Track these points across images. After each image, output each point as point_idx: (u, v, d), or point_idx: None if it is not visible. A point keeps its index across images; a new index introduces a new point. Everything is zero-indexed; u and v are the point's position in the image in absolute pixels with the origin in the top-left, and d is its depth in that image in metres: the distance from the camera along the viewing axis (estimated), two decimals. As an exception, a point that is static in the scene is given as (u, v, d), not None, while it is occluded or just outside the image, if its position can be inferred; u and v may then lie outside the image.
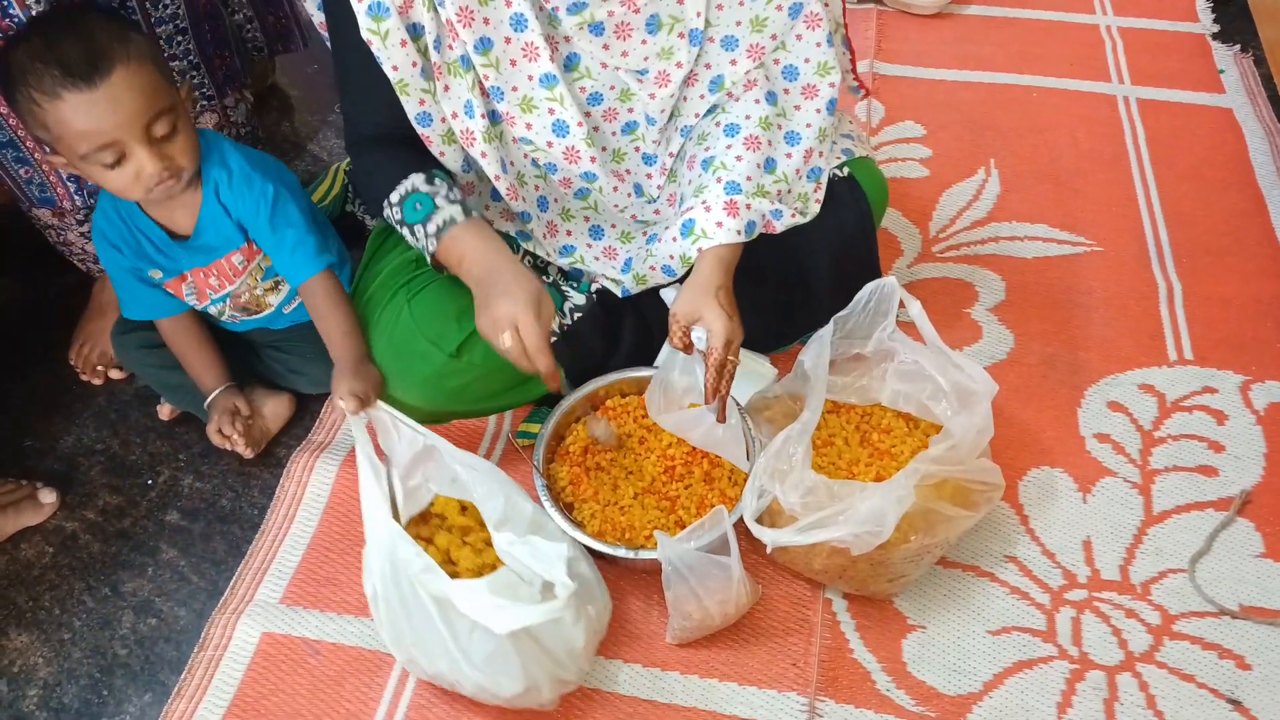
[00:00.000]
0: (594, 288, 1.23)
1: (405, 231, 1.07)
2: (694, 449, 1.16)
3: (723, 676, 1.04)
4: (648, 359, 1.25)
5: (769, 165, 1.11)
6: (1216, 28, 1.88)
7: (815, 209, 1.16)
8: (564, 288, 1.24)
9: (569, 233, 1.20)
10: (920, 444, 1.12)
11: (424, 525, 1.10)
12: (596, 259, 1.21)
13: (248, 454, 1.26)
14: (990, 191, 1.58)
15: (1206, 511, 1.16)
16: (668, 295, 1.17)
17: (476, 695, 0.99)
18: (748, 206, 1.07)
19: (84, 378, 1.39)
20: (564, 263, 1.22)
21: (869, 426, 1.16)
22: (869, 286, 1.13)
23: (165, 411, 1.34)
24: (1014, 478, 1.19)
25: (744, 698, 1.03)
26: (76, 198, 1.29)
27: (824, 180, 1.17)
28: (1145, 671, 1.03)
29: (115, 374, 1.40)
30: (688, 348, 1.06)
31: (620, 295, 1.22)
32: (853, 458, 1.12)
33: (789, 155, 1.12)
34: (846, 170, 1.21)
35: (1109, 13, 1.95)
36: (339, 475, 1.24)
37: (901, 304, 1.12)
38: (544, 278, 1.24)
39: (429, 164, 1.08)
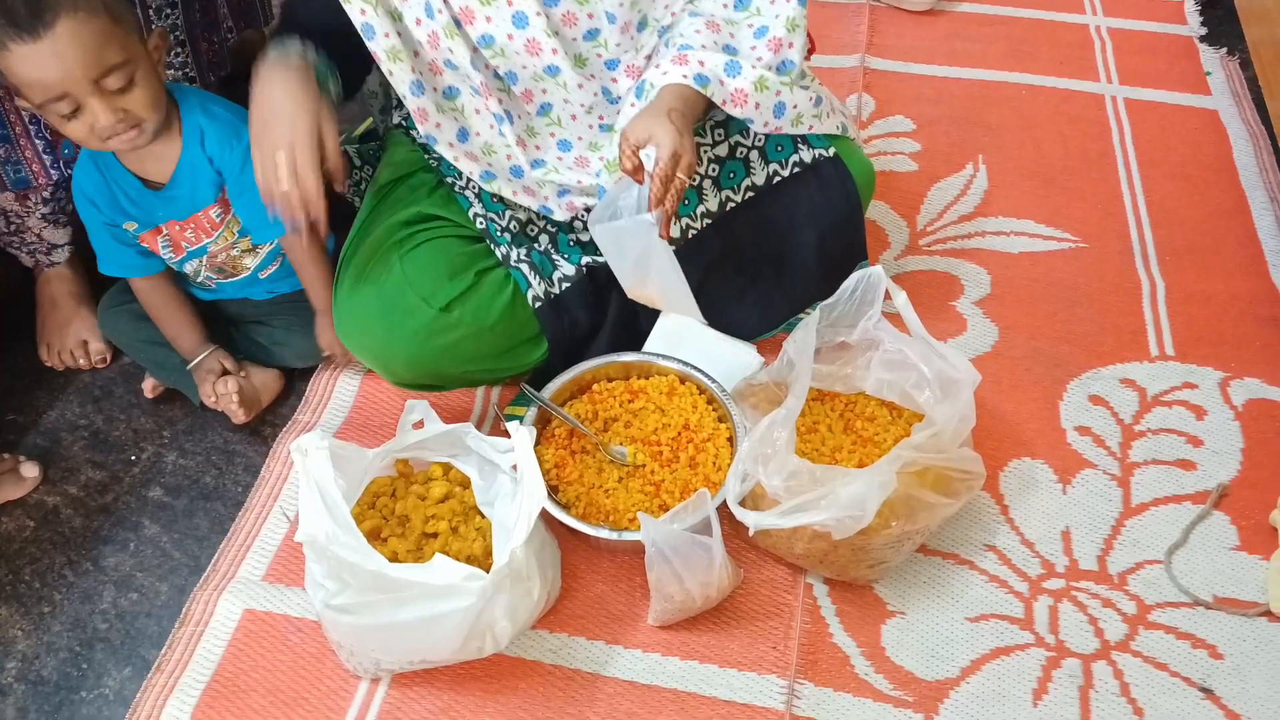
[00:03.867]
0: (584, 260, 1.24)
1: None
2: (679, 434, 1.17)
3: (703, 659, 1.05)
4: (633, 338, 1.25)
5: (728, 48, 1.12)
6: (1204, 30, 1.90)
7: (805, 122, 1.17)
8: (554, 256, 1.24)
9: (537, 147, 1.19)
10: (903, 432, 1.13)
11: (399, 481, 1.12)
12: (570, 168, 1.20)
13: (239, 416, 1.25)
14: (978, 187, 1.59)
15: (1184, 504, 1.17)
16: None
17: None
18: (700, 63, 1.07)
19: (60, 369, 1.38)
20: (536, 175, 1.20)
21: (853, 414, 1.17)
22: (855, 276, 1.14)
23: (149, 388, 1.34)
24: (995, 468, 1.20)
25: (724, 679, 1.03)
26: (53, 171, 1.27)
27: (816, 99, 1.17)
28: (1120, 660, 1.04)
29: (98, 360, 1.38)
30: (637, 170, 1.03)
31: (599, 197, 1.19)
32: (836, 445, 1.13)
33: (753, 47, 1.13)
34: (833, 151, 1.22)
35: (1099, 13, 1.96)
36: (324, 453, 1.24)
37: (887, 294, 1.12)
38: (535, 245, 1.24)
39: (338, 43, 1.08)
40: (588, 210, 1.24)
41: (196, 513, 1.22)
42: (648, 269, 1.08)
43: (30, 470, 1.24)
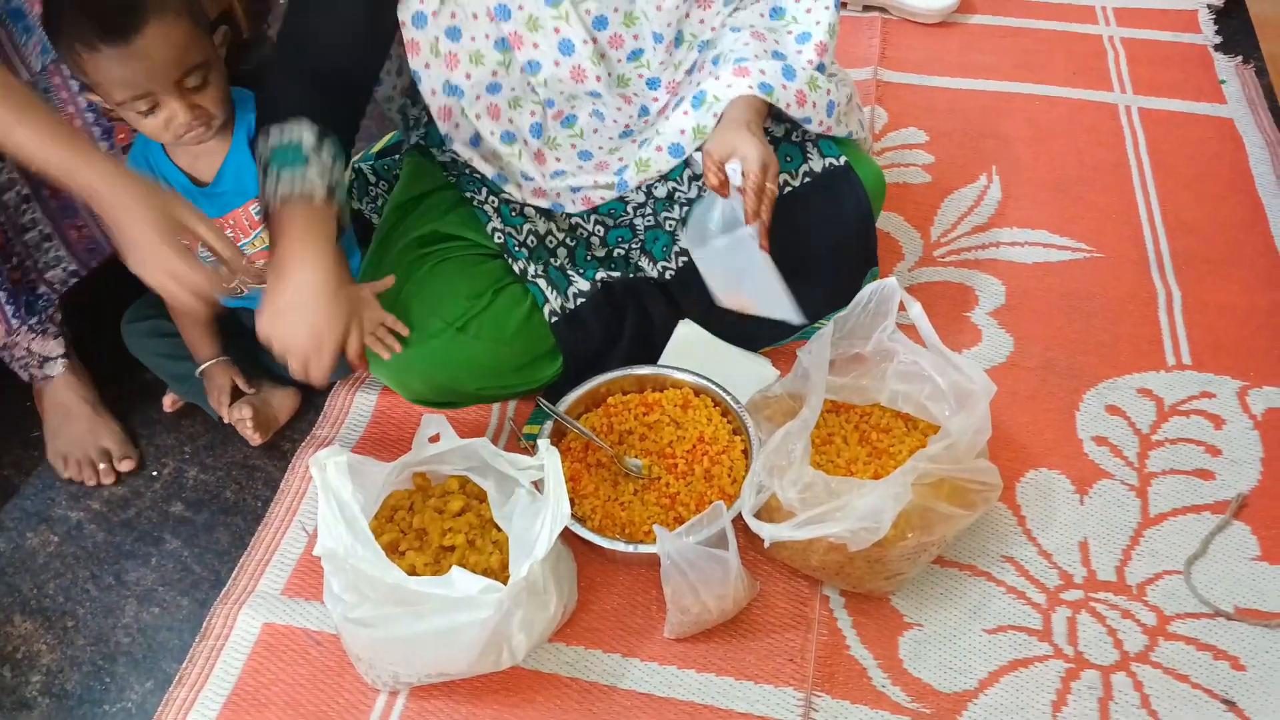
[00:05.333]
0: (600, 275, 1.25)
1: (261, 157, 1.04)
2: (694, 446, 1.17)
3: (720, 671, 1.05)
4: (648, 352, 1.25)
5: (777, 55, 1.14)
6: (1218, 39, 1.90)
7: (844, 122, 1.20)
8: (569, 272, 1.25)
9: (558, 159, 1.22)
10: (919, 444, 1.13)
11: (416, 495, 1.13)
12: (589, 173, 1.23)
13: (255, 440, 1.27)
14: (991, 198, 1.59)
15: (1203, 514, 1.16)
16: (698, 156, 1.18)
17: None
18: (762, 72, 1.10)
19: (91, 485, 1.27)
20: (555, 184, 1.22)
21: (868, 426, 1.17)
22: (870, 287, 1.14)
23: (169, 403, 1.35)
24: (1012, 479, 1.20)
25: (741, 692, 1.03)
26: (14, 320, 1.20)
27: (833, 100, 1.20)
28: (1140, 671, 1.03)
29: (125, 466, 1.28)
30: (723, 185, 1.06)
31: (618, 192, 1.23)
32: (851, 456, 1.13)
33: (799, 51, 1.16)
34: (844, 160, 1.23)
35: (1112, 23, 1.96)
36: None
37: (902, 306, 1.13)
38: (552, 259, 1.25)
39: (337, 121, 1.06)
40: (606, 205, 1.25)
41: (217, 527, 1.24)
42: (743, 278, 1.11)
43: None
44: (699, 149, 1.17)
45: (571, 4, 1.08)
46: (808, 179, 1.25)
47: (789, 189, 1.25)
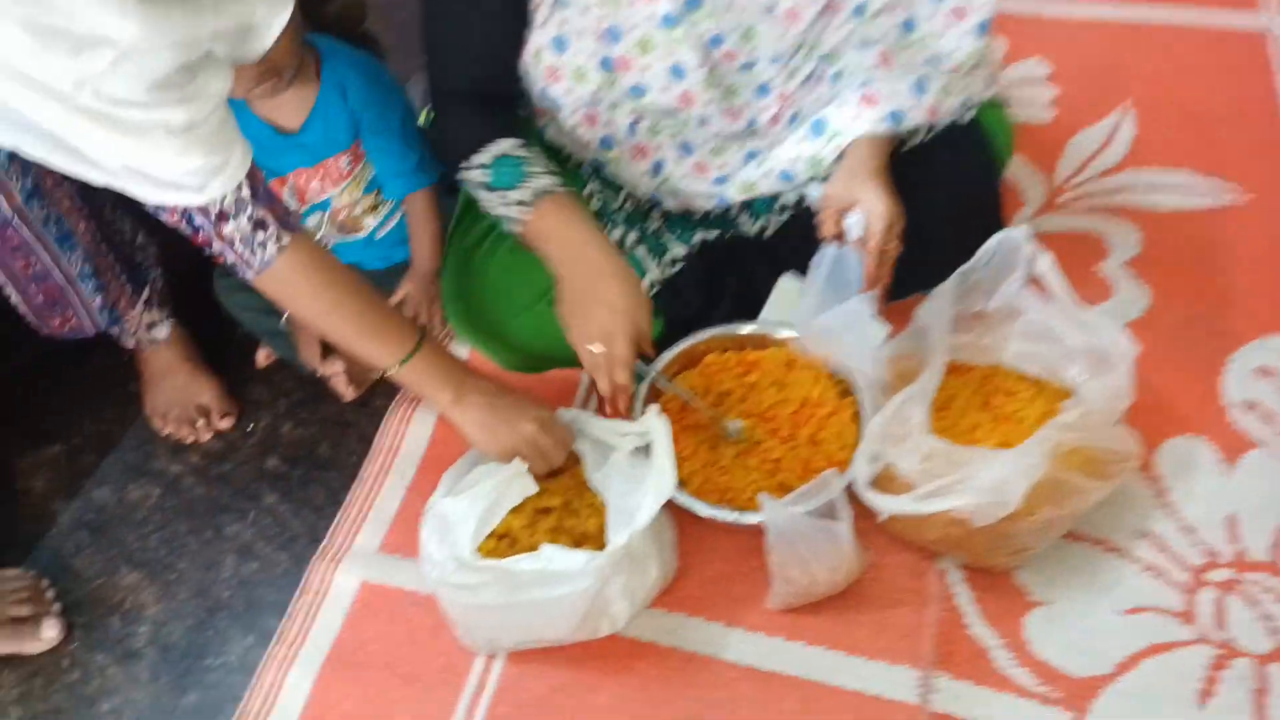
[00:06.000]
0: (697, 238, 1.18)
1: (486, 195, 1.06)
2: (799, 409, 1.11)
3: (830, 645, 1.00)
4: (751, 315, 1.19)
5: (907, 69, 1.06)
6: (1387, -49, 1.69)
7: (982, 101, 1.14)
8: (664, 237, 1.19)
9: (658, 147, 1.16)
10: (1047, 408, 1.04)
11: None
12: (684, 176, 1.17)
13: (348, 394, 1.25)
14: (1124, 136, 1.46)
15: (1371, 490, 1.05)
16: (813, 193, 1.13)
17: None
18: (892, 97, 1.03)
19: (189, 440, 1.28)
20: (654, 183, 1.17)
21: (990, 389, 1.08)
22: (996, 238, 1.05)
23: (262, 358, 1.35)
24: (1149, 447, 1.10)
25: (852, 668, 0.98)
26: (133, 296, 1.23)
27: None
28: (1299, 662, 0.94)
29: (224, 423, 1.29)
30: (839, 236, 1.01)
31: (716, 205, 1.17)
32: (972, 422, 1.05)
33: (937, 66, 1.07)
34: (970, 115, 1.13)
35: (1260, -62, 1.77)
36: (436, 426, 1.23)
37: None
38: (644, 225, 1.19)
39: (519, 131, 1.07)
40: (706, 213, 1.21)
41: (312, 483, 1.23)
42: (843, 340, 1.08)
43: (50, 630, 1.10)
44: (812, 179, 1.11)
45: (689, 25, 1.00)
46: (929, 133, 1.15)
47: (907, 146, 1.16)
